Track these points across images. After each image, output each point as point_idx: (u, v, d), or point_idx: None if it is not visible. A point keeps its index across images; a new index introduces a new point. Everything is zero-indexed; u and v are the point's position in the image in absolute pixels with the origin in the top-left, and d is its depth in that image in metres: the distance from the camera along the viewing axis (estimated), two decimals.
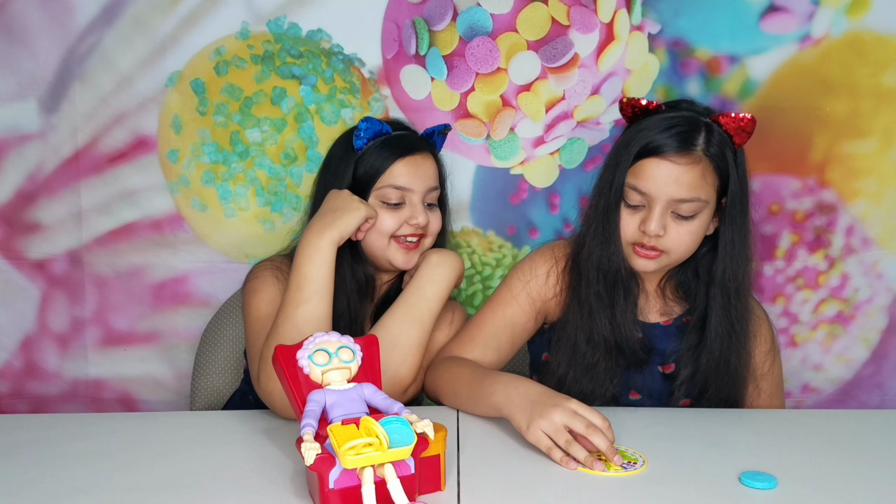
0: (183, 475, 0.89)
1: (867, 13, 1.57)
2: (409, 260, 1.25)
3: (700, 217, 1.09)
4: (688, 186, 1.06)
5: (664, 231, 1.08)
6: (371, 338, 0.88)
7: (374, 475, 0.75)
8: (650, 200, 1.08)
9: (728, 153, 1.09)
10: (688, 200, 1.07)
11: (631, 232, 1.11)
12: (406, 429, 0.76)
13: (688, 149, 1.06)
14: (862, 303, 1.67)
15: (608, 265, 1.13)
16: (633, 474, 0.88)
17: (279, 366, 0.83)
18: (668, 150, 1.06)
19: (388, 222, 1.23)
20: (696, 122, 1.09)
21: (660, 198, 1.07)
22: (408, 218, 1.24)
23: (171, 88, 1.61)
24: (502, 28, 1.58)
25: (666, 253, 1.10)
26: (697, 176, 1.06)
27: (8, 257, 1.65)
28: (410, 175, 1.24)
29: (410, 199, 1.24)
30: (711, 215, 1.11)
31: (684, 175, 1.06)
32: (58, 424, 1.10)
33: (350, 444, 0.73)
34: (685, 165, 1.06)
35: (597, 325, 1.13)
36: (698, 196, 1.07)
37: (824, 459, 0.94)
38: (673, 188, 1.06)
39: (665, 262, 1.13)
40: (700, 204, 1.08)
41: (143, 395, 1.70)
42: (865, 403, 1.70)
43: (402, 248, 1.24)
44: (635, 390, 1.17)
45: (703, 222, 1.10)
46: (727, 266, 1.12)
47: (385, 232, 1.23)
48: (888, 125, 1.60)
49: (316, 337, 0.85)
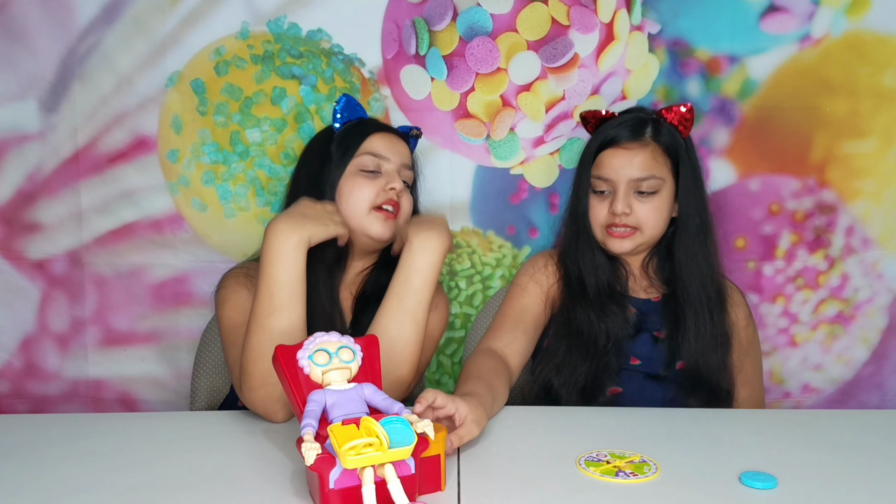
0: (183, 475, 0.89)
1: (867, 13, 1.57)
2: (386, 229, 1.24)
3: (661, 195, 1.26)
4: (641, 166, 1.24)
5: (630, 209, 1.25)
6: (371, 338, 0.88)
7: (374, 475, 0.75)
8: (614, 185, 1.26)
9: (676, 140, 1.27)
10: (645, 178, 1.24)
11: (602, 216, 1.28)
12: (406, 429, 0.76)
13: (638, 137, 1.26)
14: (862, 303, 1.67)
15: (594, 266, 1.29)
16: (644, 482, 0.88)
17: (279, 366, 0.83)
18: (622, 139, 1.26)
19: (365, 191, 1.24)
20: (642, 118, 1.29)
21: (621, 180, 1.25)
22: (384, 185, 1.25)
23: (171, 88, 1.61)
24: (502, 28, 1.58)
25: (638, 230, 1.26)
26: (649, 156, 1.25)
27: (8, 257, 1.65)
28: (386, 146, 1.28)
29: (386, 169, 1.27)
30: (672, 195, 1.27)
31: (637, 157, 1.25)
32: (58, 424, 1.10)
33: (350, 444, 0.73)
34: (637, 149, 1.25)
35: (590, 317, 1.26)
36: (653, 174, 1.25)
37: (824, 459, 0.94)
38: (629, 170, 1.25)
39: (639, 240, 1.27)
40: (657, 181, 1.25)
41: (143, 395, 1.70)
42: (865, 403, 1.70)
43: (380, 215, 1.24)
44: (634, 356, 1.26)
45: (664, 199, 1.26)
46: (687, 238, 1.28)
47: (364, 200, 1.24)
48: (888, 125, 1.60)
49: (316, 337, 0.85)
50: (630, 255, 1.30)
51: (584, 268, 1.30)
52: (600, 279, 1.29)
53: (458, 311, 1.68)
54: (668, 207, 1.27)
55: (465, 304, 1.68)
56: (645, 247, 1.28)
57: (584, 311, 1.26)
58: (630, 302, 1.29)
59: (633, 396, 1.25)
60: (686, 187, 1.26)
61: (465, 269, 1.67)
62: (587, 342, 1.24)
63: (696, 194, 1.28)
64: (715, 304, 1.27)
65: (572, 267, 1.31)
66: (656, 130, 1.27)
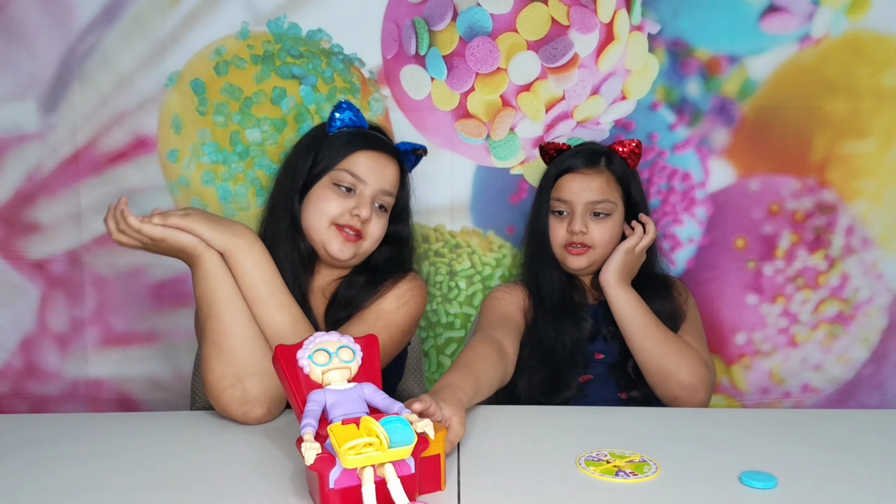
0: (183, 475, 0.89)
1: (867, 13, 1.57)
2: (343, 250, 1.21)
3: (613, 217, 1.39)
4: (598, 190, 1.38)
5: (587, 229, 1.37)
6: (371, 337, 0.88)
7: (374, 475, 0.75)
8: (572, 207, 1.38)
9: (626, 171, 1.41)
10: (600, 202, 1.37)
11: (561, 235, 1.39)
12: (406, 429, 0.76)
13: (593, 164, 1.39)
14: (862, 303, 1.67)
15: (551, 283, 1.41)
16: (644, 482, 0.88)
17: (279, 365, 0.83)
18: (580, 166, 1.39)
19: (332, 205, 1.20)
20: (597, 148, 1.43)
21: (578, 202, 1.38)
22: (352, 208, 1.21)
23: (170, 88, 1.61)
24: (502, 28, 1.58)
25: (593, 248, 1.38)
26: (604, 182, 1.38)
27: (8, 257, 1.65)
28: (369, 168, 1.22)
29: (361, 191, 1.22)
30: (622, 218, 1.40)
31: (593, 182, 1.38)
32: (57, 424, 1.10)
33: (350, 443, 0.73)
34: (593, 175, 1.39)
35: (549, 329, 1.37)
36: (607, 198, 1.38)
37: (824, 459, 0.94)
38: (587, 193, 1.38)
39: (593, 257, 1.39)
40: (610, 204, 1.38)
41: (143, 395, 1.70)
42: (865, 403, 1.70)
43: (340, 234, 1.21)
44: (598, 352, 1.38)
45: (615, 222, 1.39)
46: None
47: (327, 214, 1.21)
48: (888, 125, 1.60)
49: (316, 336, 0.85)
50: (585, 271, 1.41)
51: (544, 284, 1.41)
52: (556, 294, 1.40)
53: (457, 312, 1.68)
54: (618, 229, 1.40)
55: (465, 305, 1.68)
56: (598, 263, 1.40)
57: (544, 323, 1.37)
58: (586, 311, 1.40)
59: (599, 384, 1.36)
60: (632, 210, 1.41)
61: (465, 269, 1.67)
62: (545, 350, 1.34)
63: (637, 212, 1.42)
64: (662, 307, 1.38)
65: (532, 284, 1.43)
66: (609, 160, 1.40)
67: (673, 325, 1.36)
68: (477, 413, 1.10)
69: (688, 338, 1.36)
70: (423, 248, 1.66)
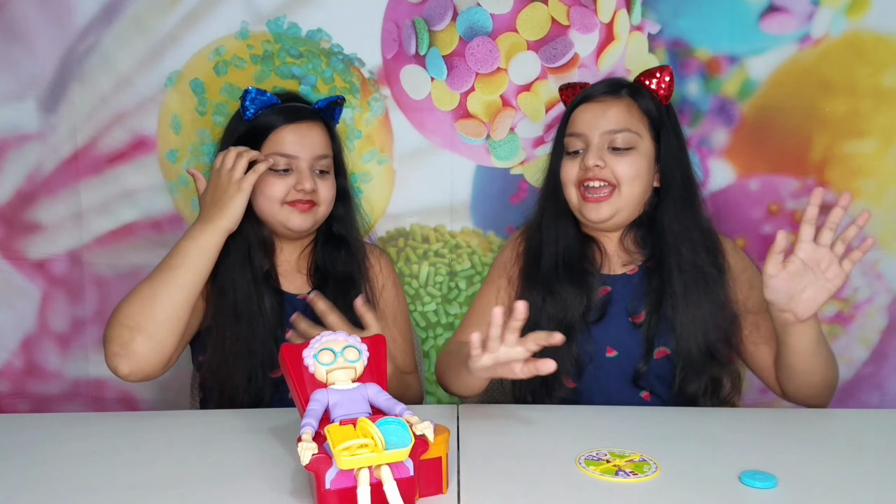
0: (183, 474, 0.89)
1: (867, 13, 1.57)
2: (304, 221, 1.25)
3: (637, 151, 1.16)
4: (615, 119, 1.17)
5: (603, 163, 1.15)
6: (378, 338, 0.88)
7: (370, 476, 0.74)
8: (586, 140, 1.17)
9: (656, 104, 1.20)
10: (618, 131, 1.16)
11: (574, 173, 1.18)
12: (403, 430, 0.75)
13: (612, 92, 1.20)
14: (862, 303, 1.67)
15: (556, 239, 1.20)
16: (644, 481, 0.88)
17: (285, 364, 0.83)
18: (596, 94, 1.20)
19: (276, 188, 1.23)
20: (620, 80, 1.25)
21: (593, 132, 1.17)
22: (294, 184, 1.24)
23: (170, 88, 1.61)
24: (502, 28, 1.58)
25: (616, 188, 1.15)
26: (623, 110, 1.18)
27: (8, 257, 1.65)
28: (296, 143, 1.25)
29: (298, 166, 1.25)
30: (650, 157, 1.18)
31: (610, 109, 1.17)
32: (59, 424, 1.10)
33: (345, 444, 0.72)
34: (610, 101, 1.18)
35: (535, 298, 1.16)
36: (627, 126, 1.16)
37: (824, 459, 0.94)
38: (602, 121, 1.17)
39: (617, 203, 1.16)
40: (631, 135, 1.16)
41: (144, 394, 1.70)
42: (865, 403, 1.70)
43: (295, 208, 1.24)
44: (610, 346, 1.17)
45: (641, 156, 1.17)
46: (671, 204, 1.18)
47: (274, 198, 1.24)
48: (888, 125, 1.60)
49: (323, 335, 0.84)
50: (608, 226, 1.19)
51: (546, 240, 1.20)
52: (560, 253, 1.18)
53: (458, 312, 1.68)
54: (646, 167, 1.17)
55: (465, 305, 1.68)
56: (624, 214, 1.18)
57: (529, 293, 1.16)
58: (601, 280, 1.18)
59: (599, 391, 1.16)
60: (668, 151, 1.18)
61: (464, 269, 1.67)
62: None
63: (679, 158, 1.19)
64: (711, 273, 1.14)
65: (533, 239, 1.22)
66: (632, 89, 1.21)
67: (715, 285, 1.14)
68: (477, 412, 1.10)
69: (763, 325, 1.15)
70: (423, 248, 1.66)
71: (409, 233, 1.66)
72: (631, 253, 1.21)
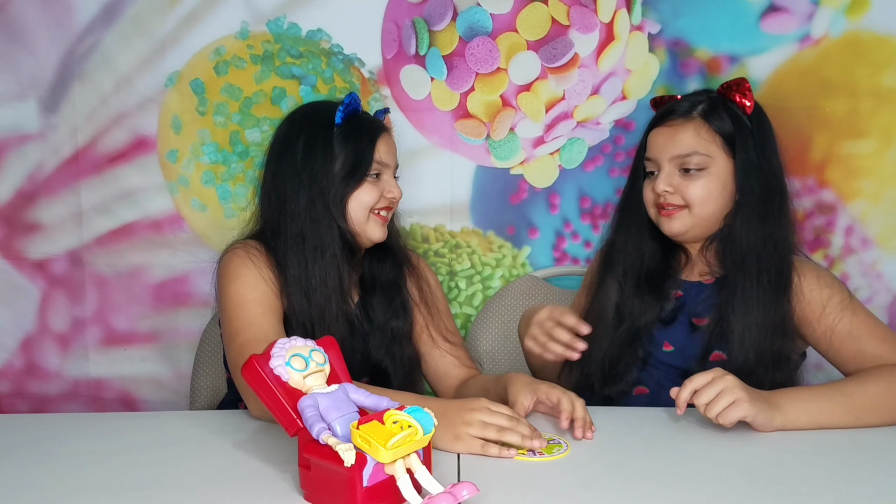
0: (183, 475, 0.89)
1: (867, 13, 1.57)
2: (384, 233, 1.27)
3: (710, 172, 1.19)
4: (683, 144, 1.19)
5: (672, 188, 1.19)
6: (328, 339, 0.88)
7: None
8: (658, 164, 1.22)
9: (734, 118, 1.20)
10: (687, 155, 1.19)
11: (650, 196, 1.23)
12: (427, 416, 0.77)
13: (682, 115, 1.22)
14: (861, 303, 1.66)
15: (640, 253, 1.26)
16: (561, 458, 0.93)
17: (258, 375, 0.81)
18: (666, 118, 1.23)
19: (370, 196, 1.24)
20: (698, 96, 1.25)
21: (662, 157, 1.21)
22: (384, 191, 1.25)
23: (170, 88, 1.61)
24: (502, 28, 1.58)
25: (688, 209, 1.20)
26: (691, 133, 1.20)
27: (8, 257, 1.65)
28: (386, 151, 1.27)
29: (385, 174, 1.27)
30: (728, 175, 1.20)
31: (678, 133, 1.20)
32: (58, 424, 1.10)
33: (395, 439, 0.73)
34: (678, 126, 1.21)
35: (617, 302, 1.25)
36: (696, 150, 1.19)
37: (824, 459, 0.94)
38: (670, 146, 1.20)
39: (689, 221, 1.20)
40: (702, 157, 1.19)
41: (144, 394, 1.70)
42: None
43: (378, 219, 1.26)
44: (668, 342, 1.22)
45: (714, 177, 1.19)
46: (744, 220, 1.20)
47: (367, 205, 1.24)
48: (887, 125, 1.60)
49: (285, 343, 0.84)
50: (686, 238, 1.24)
51: (628, 255, 1.26)
52: (643, 266, 1.25)
53: (458, 312, 1.68)
54: (720, 186, 1.19)
55: (465, 305, 1.68)
56: (701, 229, 1.22)
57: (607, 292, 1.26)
58: (677, 285, 1.24)
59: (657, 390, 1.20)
60: (746, 166, 1.19)
61: (465, 269, 1.67)
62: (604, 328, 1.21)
63: (759, 171, 1.20)
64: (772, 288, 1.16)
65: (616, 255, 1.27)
66: (708, 109, 1.21)
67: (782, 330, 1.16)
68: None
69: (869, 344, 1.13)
70: (423, 248, 1.66)
71: (408, 232, 1.66)
72: (710, 264, 1.24)
